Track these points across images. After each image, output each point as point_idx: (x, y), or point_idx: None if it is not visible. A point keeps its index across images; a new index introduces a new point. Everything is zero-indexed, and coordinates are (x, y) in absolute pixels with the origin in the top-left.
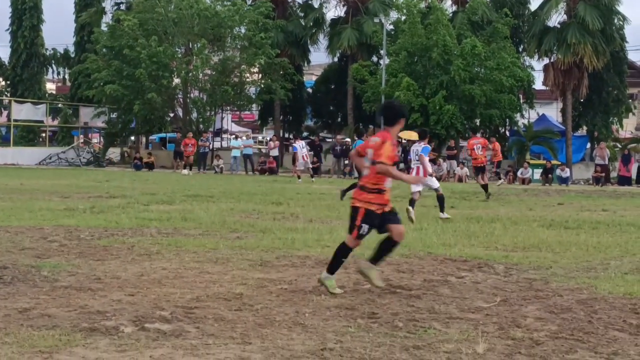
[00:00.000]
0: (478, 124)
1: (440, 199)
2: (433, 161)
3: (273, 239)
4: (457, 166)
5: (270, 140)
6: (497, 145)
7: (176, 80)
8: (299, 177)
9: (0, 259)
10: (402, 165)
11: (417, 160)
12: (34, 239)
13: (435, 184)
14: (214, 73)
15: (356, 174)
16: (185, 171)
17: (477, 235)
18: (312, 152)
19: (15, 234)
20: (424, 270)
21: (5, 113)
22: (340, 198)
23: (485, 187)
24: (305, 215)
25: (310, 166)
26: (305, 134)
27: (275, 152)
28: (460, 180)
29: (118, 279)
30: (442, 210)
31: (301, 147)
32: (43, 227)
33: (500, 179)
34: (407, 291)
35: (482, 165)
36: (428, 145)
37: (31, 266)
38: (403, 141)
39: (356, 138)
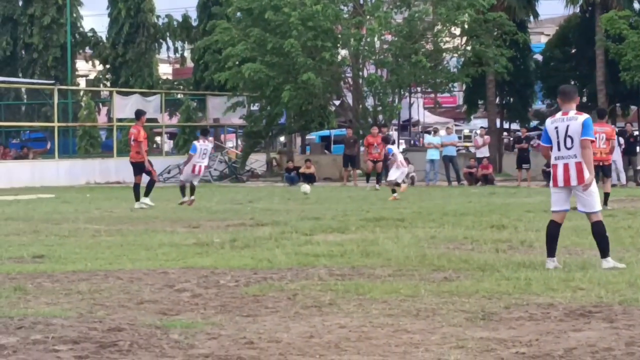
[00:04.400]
0: None
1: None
2: None
3: (498, 280)
4: None
5: (479, 134)
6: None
7: (343, 53)
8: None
9: (112, 317)
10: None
11: None
12: (155, 287)
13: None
14: (397, 39)
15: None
16: (370, 185)
17: None
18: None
19: (130, 282)
20: None
21: (104, 110)
22: None
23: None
24: (542, 243)
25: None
26: (533, 123)
27: (484, 152)
28: None
29: (278, 343)
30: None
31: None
32: (167, 271)
33: None
34: None
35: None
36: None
37: (155, 327)
38: None
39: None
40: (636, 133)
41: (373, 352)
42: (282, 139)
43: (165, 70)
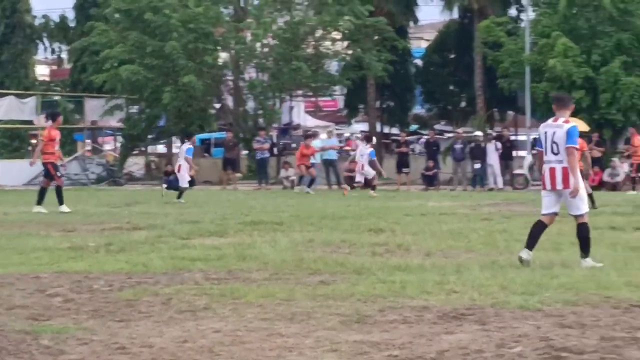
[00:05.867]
0: None
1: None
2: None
3: (373, 283)
4: None
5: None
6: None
7: (223, 56)
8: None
9: None
10: None
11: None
12: (27, 292)
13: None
14: (278, 43)
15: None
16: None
17: None
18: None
19: (1, 286)
20: (599, 323)
21: None
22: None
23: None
24: (419, 246)
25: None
26: (414, 127)
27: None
28: None
29: (150, 348)
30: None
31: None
32: (39, 275)
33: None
34: (577, 355)
35: None
36: (191, 147)
37: (25, 332)
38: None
39: None
40: (513, 138)
41: (246, 357)
42: (161, 141)
43: (42, 72)
